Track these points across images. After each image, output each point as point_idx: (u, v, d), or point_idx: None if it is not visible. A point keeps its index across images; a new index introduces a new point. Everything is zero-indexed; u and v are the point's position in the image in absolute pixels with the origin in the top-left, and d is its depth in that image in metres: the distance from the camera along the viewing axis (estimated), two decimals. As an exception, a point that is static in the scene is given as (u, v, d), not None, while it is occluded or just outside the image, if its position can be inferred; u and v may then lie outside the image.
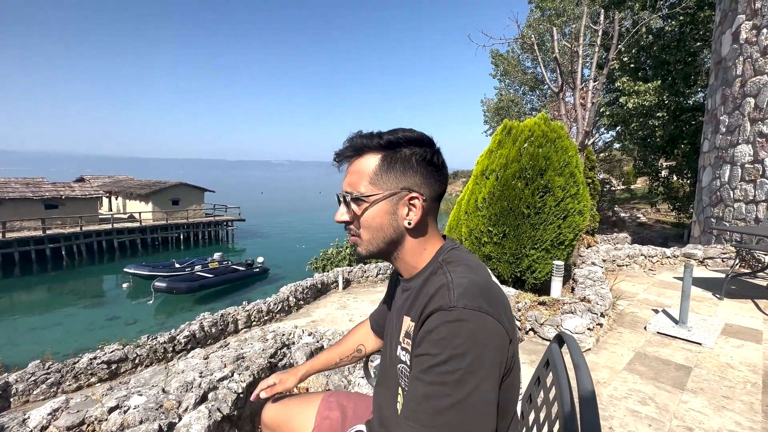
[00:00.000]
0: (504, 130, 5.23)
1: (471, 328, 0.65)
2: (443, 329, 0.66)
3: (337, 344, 1.23)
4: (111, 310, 14.45)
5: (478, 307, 0.67)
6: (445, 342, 0.65)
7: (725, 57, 7.33)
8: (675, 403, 2.24)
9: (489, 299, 0.69)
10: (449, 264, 0.77)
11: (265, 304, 7.29)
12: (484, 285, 0.72)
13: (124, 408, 1.90)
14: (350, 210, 0.82)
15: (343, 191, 0.82)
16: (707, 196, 7.72)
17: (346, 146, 0.82)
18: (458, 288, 0.69)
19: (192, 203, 29.15)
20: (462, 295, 0.68)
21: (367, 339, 1.20)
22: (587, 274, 4.48)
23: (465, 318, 0.66)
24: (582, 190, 4.93)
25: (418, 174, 0.79)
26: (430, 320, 0.69)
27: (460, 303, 0.67)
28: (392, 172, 0.79)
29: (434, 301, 0.70)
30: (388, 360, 0.91)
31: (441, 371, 0.64)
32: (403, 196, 0.79)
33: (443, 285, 0.72)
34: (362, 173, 0.80)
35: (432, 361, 0.66)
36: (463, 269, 0.75)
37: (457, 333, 0.65)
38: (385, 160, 0.79)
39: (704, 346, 2.99)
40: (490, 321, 0.67)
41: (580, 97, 8.17)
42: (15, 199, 20.72)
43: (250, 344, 2.73)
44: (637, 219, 18.74)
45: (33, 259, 20.41)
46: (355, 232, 0.83)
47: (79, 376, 4.69)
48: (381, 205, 0.79)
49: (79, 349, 8.02)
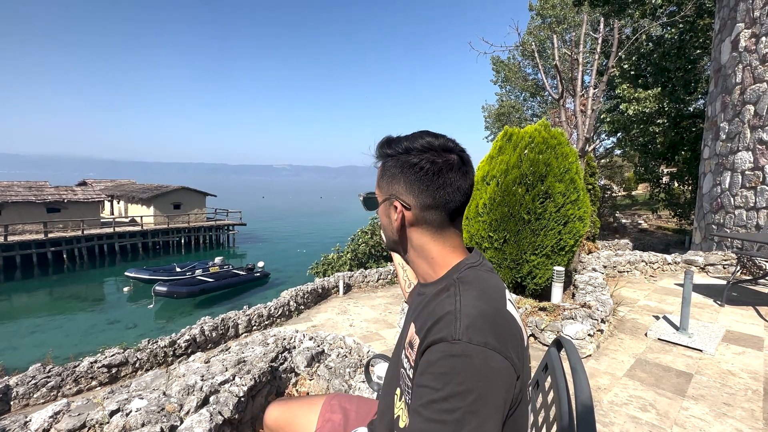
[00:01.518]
0: (505, 136, 5.26)
1: (475, 365, 0.62)
2: (446, 363, 0.63)
3: None
4: (112, 314, 14.44)
5: (484, 343, 0.63)
6: (447, 377, 0.62)
7: (725, 65, 7.38)
8: (676, 409, 2.24)
9: (497, 333, 0.66)
10: (463, 285, 0.74)
11: (265, 308, 7.29)
12: (493, 316, 0.68)
13: (125, 411, 1.91)
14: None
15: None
16: (708, 202, 7.73)
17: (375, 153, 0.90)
18: (466, 319, 0.66)
19: (193, 207, 29.22)
20: (468, 328, 0.65)
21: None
22: (588, 280, 4.48)
23: (469, 353, 0.62)
24: (582, 196, 4.94)
25: (401, 182, 0.79)
26: (432, 350, 0.66)
27: (465, 337, 0.64)
28: (385, 178, 0.83)
29: (438, 329, 0.68)
30: (395, 361, 0.91)
31: (441, 408, 0.61)
32: (391, 201, 0.82)
33: (449, 313, 0.68)
34: (377, 179, 0.88)
35: (433, 395, 0.63)
36: (475, 295, 0.71)
37: (460, 369, 0.62)
38: (383, 166, 0.85)
39: (705, 352, 2.99)
40: (496, 358, 0.63)
41: (580, 103, 8.21)
42: (18, 203, 20.82)
43: (251, 348, 2.73)
44: (638, 225, 18.72)
45: (35, 263, 20.44)
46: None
47: (79, 379, 4.69)
48: (381, 208, 0.86)
49: (79, 353, 8.02)
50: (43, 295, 17.14)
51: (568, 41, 12.48)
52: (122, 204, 30.56)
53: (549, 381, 0.86)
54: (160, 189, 28.34)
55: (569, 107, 9.89)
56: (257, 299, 14.31)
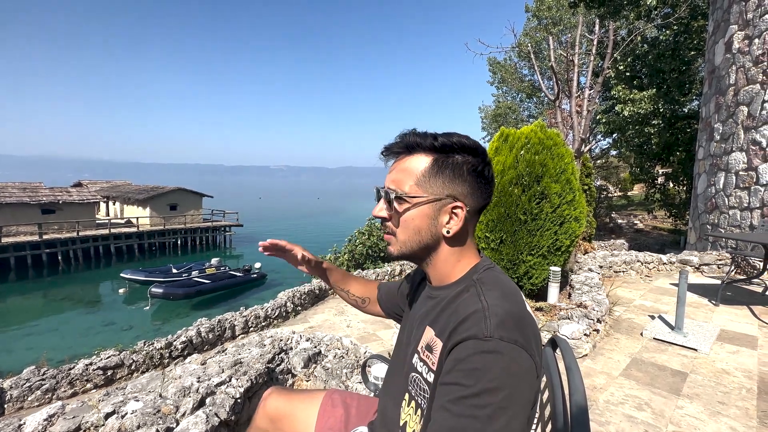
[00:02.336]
0: (501, 137, 5.28)
1: (506, 362, 0.63)
2: (477, 360, 0.63)
3: (352, 277, 1.22)
4: (107, 316, 14.34)
5: (514, 341, 0.64)
6: (478, 374, 0.63)
7: (718, 66, 7.45)
8: (671, 408, 2.25)
9: (524, 332, 0.67)
10: (484, 285, 0.74)
11: (262, 309, 7.27)
12: (519, 316, 0.69)
13: (121, 413, 1.89)
14: (390, 207, 0.80)
15: (387, 187, 0.80)
16: (703, 203, 7.79)
17: (397, 142, 0.80)
18: (495, 317, 0.66)
19: (190, 208, 29.10)
20: (498, 326, 0.65)
21: (374, 299, 1.19)
22: (584, 280, 4.51)
23: (501, 350, 0.63)
24: (578, 197, 4.97)
25: (467, 183, 0.77)
26: (461, 347, 0.66)
27: (496, 334, 0.64)
28: (441, 177, 0.76)
29: (466, 327, 0.68)
30: (400, 366, 0.89)
31: (472, 404, 0.61)
32: (447, 203, 0.77)
33: (478, 311, 0.69)
34: (410, 172, 0.78)
35: (463, 392, 0.63)
36: (499, 295, 0.72)
37: (491, 366, 0.62)
38: (436, 163, 0.77)
39: (700, 351, 3.01)
40: (524, 356, 0.64)
41: (576, 104, 8.26)
42: (12, 204, 20.64)
43: (247, 350, 2.73)
44: (634, 225, 18.83)
45: (29, 265, 20.28)
46: (391, 230, 0.81)
47: (74, 382, 4.65)
48: (423, 208, 0.77)
49: (74, 355, 7.95)
50: (38, 297, 17.00)
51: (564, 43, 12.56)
52: (118, 205, 30.38)
53: (544, 380, 0.86)
54: (156, 190, 28.20)
55: (565, 108, 9.94)
56: (254, 300, 14.26)
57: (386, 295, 1.16)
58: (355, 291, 1.21)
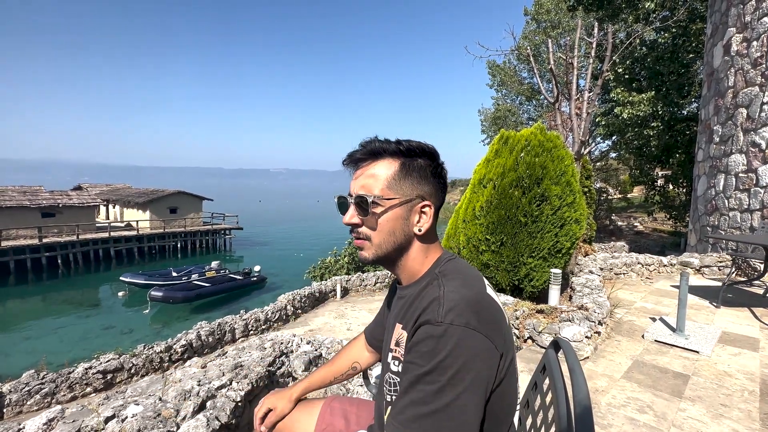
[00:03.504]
0: (501, 139, 5.29)
1: (455, 344, 0.67)
2: (430, 342, 0.69)
3: (331, 362, 1.20)
4: (107, 320, 14.30)
5: (465, 323, 0.69)
6: (430, 355, 0.68)
7: (717, 68, 7.47)
8: (673, 411, 2.24)
9: (478, 315, 0.71)
10: (445, 276, 0.79)
11: (262, 312, 7.25)
12: (474, 300, 0.73)
13: (121, 417, 1.89)
14: (364, 212, 0.81)
15: (356, 194, 0.81)
16: (703, 205, 7.79)
17: (362, 149, 0.83)
18: (448, 303, 0.71)
19: (190, 211, 29.10)
20: (450, 311, 0.70)
21: (362, 355, 1.20)
22: (585, 283, 4.50)
23: (450, 334, 0.68)
24: (578, 199, 4.97)
25: (431, 184, 0.83)
26: (418, 332, 0.72)
27: (447, 318, 0.69)
28: (409, 179, 0.81)
29: (425, 314, 0.73)
30: (383, 368, 0.93)
31: (424, 381, 0.68)
32: (416, 203, 0.81)
33: (435, 299, 0.74)
34: (378, 177, 0.80)
35: (417, 371, 0.69)
36: (457, 283, 0.76)
37: (441, 348, 0.68)
38: (404, 166, 0.81)
39: (702, 354, 3.00)
40: (477, 337, 0.69)
41: (575, 107, 8.28)
42: (12, 208, 20.64)
43: (248, 353, 2.72)
44: (634, 227, 18.83)
45: (29, 268, 20.25)
46: (365, 235, 0.83)
47: (74, 386, 4.63)
48: (396, 210, 0.80)
49: (74, 359, 7.92)
50: (38, 300, 16.96)
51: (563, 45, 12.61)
52: (118, 208, 30.38)
53: (547, 382, 0.86)
54: (156, 193, 28.21)
55: (564, 111, 9.96)
56: (254, 304, 14.23)
57: (374, 332, 1.16)
58: (341, 370, 1.18)
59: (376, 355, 1.18)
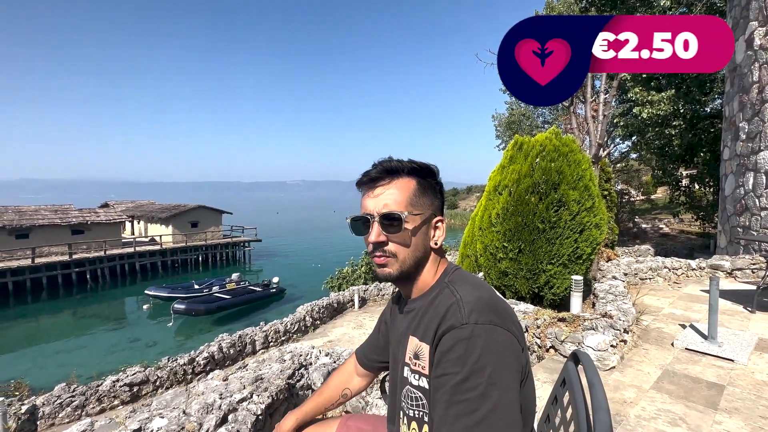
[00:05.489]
0: (515, 145, 5.25)
1: (485, 342, 0.69)
2: (459, 347, 0.70)
3: (320, 392, 1.17)
4: (132, 332, 14.70)
5: (489, 321, 0.71)
6: (462, 360, 0.69)
7: (740, 64, 7.23)
8: (708, 423, 2.14)
9: (497, 312, 0.74)
10: (455, 284, 0.82)
11: (282, 324, 7.32)
12: (490, 300, 0.76)
13: (147, 430, 1.93)
14: (393, 230, 0.82)
15: (382, 212, 0.82)
16: (731, 204, 7.48)
17: (379, 169, 0.85)
18: (467, 305, 0.74)
19: (210, 225, 29.80)
20: (472, 312, 0.72)
21: (351, 380, 1.17)
22: (608, 289, 4.36)
23: (478, 333, 0.70)
24: (598, 203, 4.86)
25: (439, 200, 0.88)
26: (444, 340, 0.73)
27: (471, 319, 0.71)
28: (425, 196, 0.85)
29: (446, 321, 0.74)
30: (393, 390, 0.92)
31: (464, 389, 0.67)
32: (432, 218, 0.86)
33: (453, 303, 0.76)
34: (402, 195, 0.83)
35: (454, 379, 0.69)
36: (469, 287, 0.79)
37: (473, 349, 0.69)
38: (420, 184, 0.85)
39: (737, 362, 2.86)
40: (501, 332, 0.71)
41: (591, 109, 8.14)
42: (44, 226, 21.63)
43: (268, 365, 2.74)
44: (659, 230, 18.18)
45: (60, 284, 21.08)
46: (391, 252, 0.83)
47: (102, 398, 4.77)
48: (419, 226, 0.84)
49: (102, 372, 8.17)
50: (68, 315, 17.59)
51: (576, 48, 12.43)
52: (142, 224, 31.40)
53: (567, 397, 0.84)
54: (177, 208, 29.04)
55: (580, 113, 9.80)
56: (273, 315, 14.36)
57: (368, 352, 1.15)
58: (331, 400, 1.16)
59: (367, 379, 1.17)
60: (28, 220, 21.31)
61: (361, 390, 1.18)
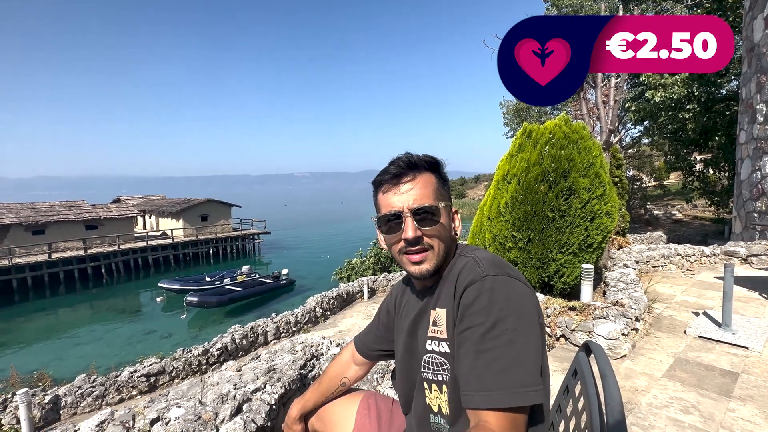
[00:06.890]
0: (524, 133, 5.16)
1: (506, 293, 0.73)
2: (483, 298, 0.73)
3: (319, 382, 1.19)
4: (148, 324, 15.05)
5: (506, 274, 0.76)
6: (487, 310, 0.72)
7: (758, 43, 6.98)
8: (721, 411, 2.12)
9: (512, 269, 0.79)
10: (465, 250, 0.88)
11: (292, 315, 7.41)
12: (502, 260, 0.82)
13: (165, 420, 1.99)
14: (429, 223, 0.83)
15: (415, 206, 0.82)
16: (747, 189, 7.30)
17: (401, 165, 0.86)
18: (484, 261, 0.79)
19: (220, 218, 30.13)
20: (490, 266, 0.77)
21: (349, 369, 1.19)
22: (619, 277, 4.32)
23: (499, 284, 0.74)
24: (608, 191, 4.78)
25: (448, 192, 0.92)
26: (467, 293, 0.76)
27: (491, 271, 0.76)
28: (444, 189, 0.89)
29: (465, 277, 0.78)
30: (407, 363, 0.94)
31: (491, 336, 0.70)
32: (451, 209, 0.90)
33: (468, 261, 0.81)
34: (428, 189, 0.85)
35: (480, 330, 0.71)
36: (480, 251, 0.86)
37: (496, 299, 0.72)
38: (440, 178, 0.89)
39: (752, 350, 2.82)
40: (519, 285, 0.75)
41: (602, 94, 7.95)
42: (59, 222, 22.10)
43: (280, 356, 2.79)
44: (672, 216, 17.86)
45: (76, 278, 21.61)
46: (428, 245, 0.84)
47: (121, 388, 4.92)
48: (445, 217, 0.86)
49: (120, 363, 8.39)
50: (85, 308, 18.07)
51: (587, 31, 12.10)
52: (154, 218, 31.87)
53: (578, 387, 0.84)
54: (188, 202, 29.39)
55: (590, 98, 9.58)
56: (284, 306, 14.56)
57: (367, 341, 1.16)
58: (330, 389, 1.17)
59: (365, 367, 1.19)
60: (44, 217, 21.80)
61: (358, 378, 1.20)
